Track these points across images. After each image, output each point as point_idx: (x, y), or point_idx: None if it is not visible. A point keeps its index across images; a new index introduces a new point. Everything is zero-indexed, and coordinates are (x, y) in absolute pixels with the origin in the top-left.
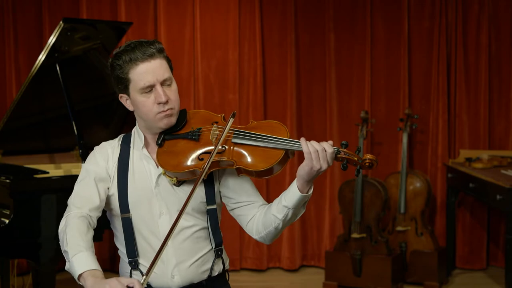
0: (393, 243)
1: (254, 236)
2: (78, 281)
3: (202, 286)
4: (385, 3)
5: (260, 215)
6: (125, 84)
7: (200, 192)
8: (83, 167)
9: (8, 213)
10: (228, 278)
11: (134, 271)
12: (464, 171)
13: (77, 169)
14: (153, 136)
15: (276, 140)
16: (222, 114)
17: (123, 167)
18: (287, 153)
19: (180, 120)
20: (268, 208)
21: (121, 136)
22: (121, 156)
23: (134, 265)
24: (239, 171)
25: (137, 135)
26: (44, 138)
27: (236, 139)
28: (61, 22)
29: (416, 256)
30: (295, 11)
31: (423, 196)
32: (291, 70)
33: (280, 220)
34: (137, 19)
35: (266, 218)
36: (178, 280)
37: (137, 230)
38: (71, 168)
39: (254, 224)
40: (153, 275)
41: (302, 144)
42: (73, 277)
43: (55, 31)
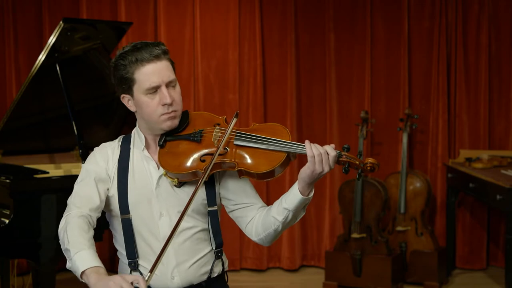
0: (393, 243)
1: (253, 238)
2: (81, 279)
3: (202, 287)
4: (385, 3)
5: (260, 217)
6: (129, 85)
7: (201, 194)
8: (83, 168)
9: (8, 213)
10: (227, 280)
11: (134, 273)
12: (464, 171)
13: (77, 169)
14: (154, 138)
15: (279, 143)
16: (224, 116)
17: (123, 168)
18: (289, 156)
19: (182, 122)
20: (268, 210)
21: (121, 137)
22: (121, 157)
23: (134, 267)
24: (241, 173)
25: (137, 136)
26: (44, 138)
27: (238, 141)
28: (61, 22)
29: (416, 256)
30: (295, 11)
31: (423, 196)
32: (291, 70)
33: (280, 222)
34: (137, 19)
35: (266, 220)
36: (178, 281)
37: (137, 232)
38: (71, 168)
39: (253, 226)
40: (153, 276)
41: (306, 147)
42: (74, 277)
43: (55, 31)
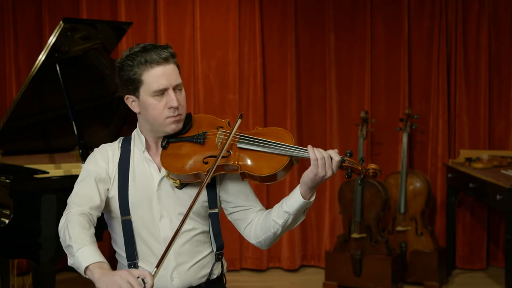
0: (393, 243)
1: (252, 241)
2: (84, 275)
3: None
4: (385, 3)
5: (259, 220)
6: (136, 86)
7: (203, 196)
8: (83, 168)
9: (8, 213)
10: (226, 282)
11: None
12: (464, 171)
13: (77, 169)
14: (155, 140)
15: (282, 147)
16: (227, 120)
17: (124, 169)
18: (292, 160)
19: (185, 124)
20: (268, 213)
21: (121, 139)
22: (122, 158)
23: (134, 268)
24: (244, 176)
25: (138, 138)
26: (44, 138)
27: (242, 144)
28: (61, 22)
29: (416, 256)
30: (295, 11)
31: (423, 196)
32: (291, 70)
33: (280, 226)
34: (137, 19)
35: (265, 223)
36: (178, 283)
37: (137, 233)
38: (71, 168)
39: (252, 229)
40: None
41: (309, 151)
42: (74, 277)
43: (55, 31)
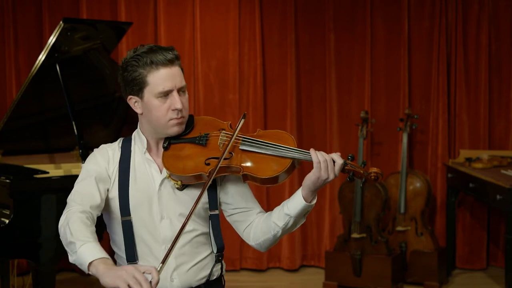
0: (393, 243)
1: (251, 243)
2: (88, 271)
3: None
4: (385, 3)
5: (259, 222)
6: (140, 87)
7: (204, 198)
8: (83, 167)
9: (8, 213)
10: (224, 283)
11: None
12: (464, 171)
13: (77, 169)
14: (157, 141)
15: (284, 149)
16: (229, 122)
17: (125, 170)
18: (294, 163)
19: (187, 125)
20: (268, 216)
21: (121, 140)
22: (122, 159)
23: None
24: (246, 178)
25: (139, 139)
26: (44, 138)
27: (244, 146)
28: (61, 22)
29: (416, 256)
30: (295, 11)
31: (423, 196)
32: (291, 70)
33: (280, 228)
34: (137, 19)
35: (265, 225)
36: (178, 284)
37: (137, 234)
38: (71, 168)
39: (252, 231)
40: None
41: (312, 154)
42: (74, 277)
43: (55, 31)
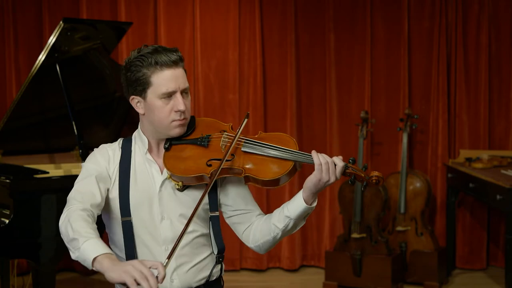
0: (393, 243)
1: (250, 245)
2: (91, 267)
3: None
4: (385, 3)
5: (258, 224)
6: (144, 87)
7: (204, 199)
8: (84, 166)
9: (8, 213)
10: (223, 284)
11: None
12: (464, 171)
13: (77, 169)
14: (158, 141)
15: (286, 151)
16: (230, 124)
17: (125, 170)
18: (295, 165)
19: (189, 126)
20: (268, 218)
21: (121, 140)
22: (123, 159)
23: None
24: (247, 180)
25: (139, 140)
26: (44, 138)
27: (246, 148)
28: (61, 22)
29: (416, 256)
30: (295, 11)
31: (423, 196)
32: (291, 70)
33: (280, 230)
34: (137, 19)
35: (265, 227)
36: (178, 284)
37: (137, 234)
38: (71, 168)
39: (251, 233)
40: None
41: (313, 156)
42: (74, 277)
43: (55, 31)
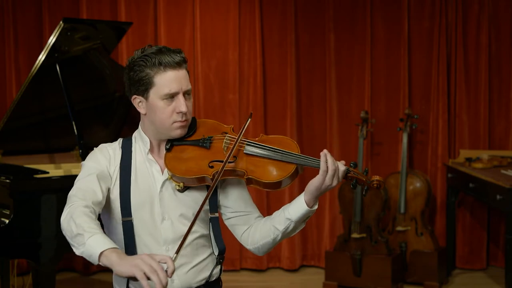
0: (393, 243)
1: (248, 247)
2: (98, 262)
3: None
4: (385, 3)
5: (257, 226)
6: (146, 87)
7: None
8: (84, 165)
9: (8, 213)
10: (221, 285)
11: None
12: (464, 171)
13: (77, 169)
14: (158, 142)
15: (289, 154)
16: (231, 126)
17: (126, 170)
18: (298, 168)
19: (190, 128)
20: (267, 220)
21: (121, 140)
22: (123, 159)
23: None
24: (249, 182)
25: (140, 140)
26: (44, 138)
27: (249, 150)
28: (61, 22)
29: (416, 256)
30: (295, 11)
31: (423, 196)
32: (291, 70)
33: (280, 232)
34: (137, 19)
35: (265, 229)
36: (178, 284)
37: (138, 235)
38: (71, 168)
39: (250, 235)
40: None
41: (322, 160)
42: (74, 277)
43: (55, 31)
